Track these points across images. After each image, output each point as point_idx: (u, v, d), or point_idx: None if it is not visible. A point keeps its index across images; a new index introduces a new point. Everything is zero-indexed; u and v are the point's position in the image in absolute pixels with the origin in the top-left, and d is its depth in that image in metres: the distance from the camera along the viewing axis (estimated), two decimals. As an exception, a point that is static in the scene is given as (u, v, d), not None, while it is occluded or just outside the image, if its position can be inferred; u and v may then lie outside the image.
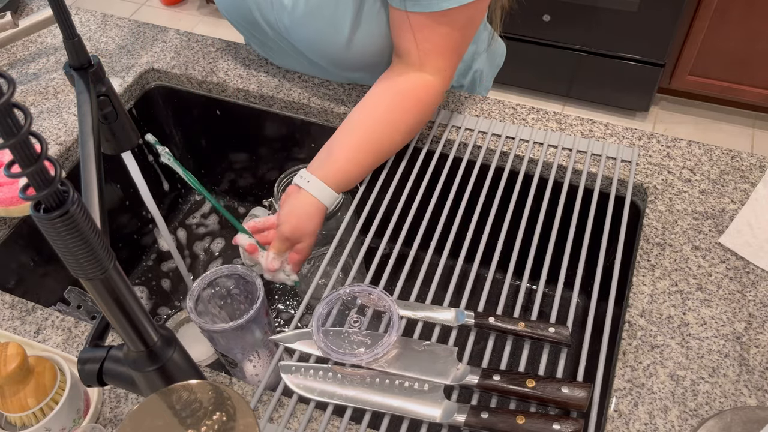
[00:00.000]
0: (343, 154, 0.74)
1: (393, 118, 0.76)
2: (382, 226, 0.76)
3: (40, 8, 1.11)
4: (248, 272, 0.69)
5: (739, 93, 2.04)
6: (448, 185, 0.80)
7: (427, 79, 0.76)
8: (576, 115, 0.87)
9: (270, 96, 0.93)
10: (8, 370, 0.55)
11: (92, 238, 0.34)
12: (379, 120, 0.76)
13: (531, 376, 0.59)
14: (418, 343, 0.63)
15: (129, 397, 0.63)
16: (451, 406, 0.58)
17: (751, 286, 0.68)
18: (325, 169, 0.74)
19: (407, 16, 0.71)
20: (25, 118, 0.29)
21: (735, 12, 1.85)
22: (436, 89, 0.77)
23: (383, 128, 0.76)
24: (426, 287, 0.69)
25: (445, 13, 0.70)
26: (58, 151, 0.87)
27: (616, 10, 1.91)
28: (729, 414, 0.57)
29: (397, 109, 0.76)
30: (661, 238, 0.73)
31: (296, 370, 0.62)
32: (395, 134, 0.77)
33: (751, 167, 0.80)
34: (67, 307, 0.86)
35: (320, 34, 0.79)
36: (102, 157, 0.53)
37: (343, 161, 0.74)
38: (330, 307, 0.67)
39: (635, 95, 2.14)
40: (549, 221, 0.74)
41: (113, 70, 0.98)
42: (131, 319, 0.41)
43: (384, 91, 0.77)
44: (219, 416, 0.41)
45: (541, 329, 0.63)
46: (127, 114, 0.69)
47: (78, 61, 0.60)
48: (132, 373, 0.46)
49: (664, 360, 0.63)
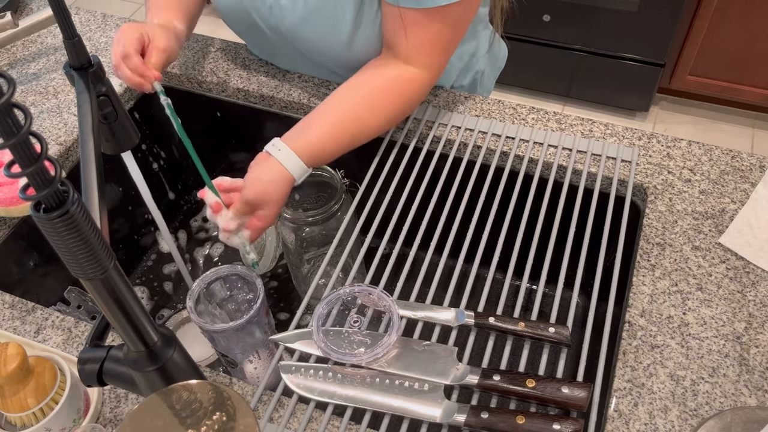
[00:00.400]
0: (319, 129, 0.74)
1: (375, 104, 0.76)
2: (382, 226, 0.76)
3: (40, 8, 1.11)
4: (248, 272, 0.69)
5: (739, 93, 2.04)
6: (448, 185, 0.80)
7: (414, 72, 0.76)
8: (576, 115, 0.87)
9: (270, 96, 0.93)
10: (8, 370, 0.55)
11: (92, 238, 0.34)
12: (361, 103, 0.76)
13: (531, 376, 0.59)
14: (418, 343, 0.63)
15: (129, 397, 0.63)
16: (451, 406, 0.58)
17: (751, 286, 0.68)
18: (299, 140, 0.73)
19: (399, 11, 0.72)
20: (25, 118, 0.29)
21: (735, 12, 1.85)
22: (422, 83, 0.77)
23: (364, 112, 0.76)
24: (426, 287, 0.69)
25: (438, 10, 0.71)
26: (58, 151, 0.87)
27: (616, 10, 1.91)
28: (729, 414, 0.57)
29: (380, 95, 0.76)
30: (661, 238, 0.73)
31: (296, 370, 0.62)
32: (375, 119, 0.77)
33: (751, 167, 0.80)
34: (67, 307, 0.86)
35: (321, 33, 0.79)
36: (102, 157, 0.53)
37: (318, 136, 0.73)
38: (330, 307, 0.67)
39: (635, 95, 2.13)
40: (549, 221, 0.74)
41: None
42: (131, 319, 0.41)
43: (370, 76, 0.77)
44: (219, 416, 0.41)
45: (541, 329, 0.63)
46: (127, 114, 0.69)
47: (78, 61, 0.60)
48: (132, 373, 0.46)
49: (664, 360, 0.63)
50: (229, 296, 0.73)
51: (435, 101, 0.90)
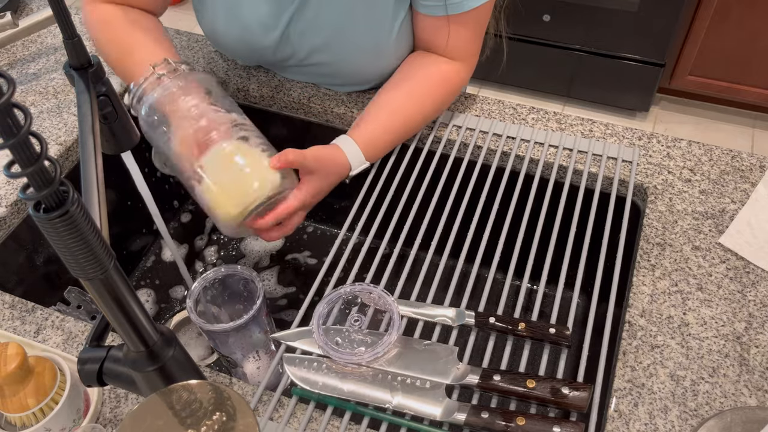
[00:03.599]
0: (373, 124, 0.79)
1: (422, 98, 0.81)
2: (383, 226, 0.76)
3: (40, 8, 1.11)
4: (248, 272, 0.69)
5: (739, 93, 2.04)
6: (449, 185, 0.80)
7: (454, 65, 0.81)
8: (576, 115, 0.87)
9: (270, 96, 0.93)
10: (8, 370, 0.55)
11: (92, 238, 0.34)
12: (408, 97, 0.80)
13: (531, 376, 0.59)
14: (418, 342, 0.63)
15: (129, 397, 0.63)
16: (451, 405, 0.58)
17: (751, 286, 0.68)
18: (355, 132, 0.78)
19: (447, 19, 0.76)
20: (25, 118, 0.29)
21: (735, 12, 1.85)
22: (464, 74, 0.82)
23: (412, 105, 0.80)
24: (426, 287, 0.69)
25: (477, 9, 0.75)
26: (58, 151, 0.87)
27: (616, 10, 1.91)
28: (729, 414, 0.57)
29: (426, 89, 0.81)
30: (661, 238, 0.72)
31: (300, 363, 0.62)
32: (422, 112, 0.82)
33: (751, 167, 0.80)
34: (67, 307, 0.86)
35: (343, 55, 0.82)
36: (102, 157, 0.53)
37: (371, 130, 0.78)
38: (331, 305, 0.67)
39: (635, 95, 2.13)
40: (549, 221, 0.74)
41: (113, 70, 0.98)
42: (131, 319, 0.41)
43: (415, 73, 0.81)
44: (219, 416, 0.41)
45: (541, 329, 0.63)
46: (128, 114, 0.68)
47: (78, 61, 0.60)
48: (132, 373, 0.46)
49: (664, 360, 0.62)
50: (229, 296, 0.73)
51: (435, 101, 0.90)
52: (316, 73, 0.89)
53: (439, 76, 0.81)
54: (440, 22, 0.77)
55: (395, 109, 0.79)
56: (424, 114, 0.82)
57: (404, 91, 0.80)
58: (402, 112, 0.80)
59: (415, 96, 0.80)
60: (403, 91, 0.80)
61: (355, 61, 0.82)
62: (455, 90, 0.83)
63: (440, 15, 0.76)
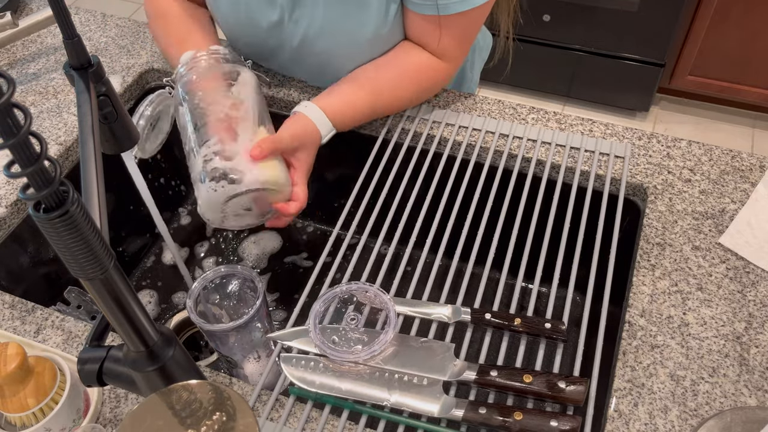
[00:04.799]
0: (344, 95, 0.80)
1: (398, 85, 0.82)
2: (377, 225, 0.76)
3: (40, 8, 1.11)
4: (248, 272, 0.69)
5: (739, 93, 2.04)
6: (443, 184, 0.80)
7: (439, 63, 0.81)
8: (576, 115, 0.87)
9: (270, 96, 0.93)
10: (8, 370, 0.55)
11: (92, 238, 0.34)
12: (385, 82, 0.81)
13: (528, 371, 0.59)
14: (415, 339, 0.63)
15: (129, 397, 0.63)
16: (449, 401, 0.58)
17: (751, 286, 0.68)
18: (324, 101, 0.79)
19: (439, 19, 0.75)
20: (25, 118, 0.29)
21: (735, 12, 1.85)
22: (446, 73, 0.82)
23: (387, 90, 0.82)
24: (422, 286, 0.70)
25: (473, 10, 0.74)
26: (58, 151, 0.87)
27: (616, 10, 1.90)
28: (729, 414, 0.57)
29: (405, 78, 0.82)
30: (661, 238, 0.73)
31: (297, 362, 0.62)
32: (396, 99, 0.84)
33: (751, 167, 0.80)
34: (67, 307, 0.86)
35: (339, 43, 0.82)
36: (102, 157, 0.53)
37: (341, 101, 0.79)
38: (327, 304, 0.67)
39: (635, 95, 2.13)
40: (545, 221, 0.74)
41: (113, 69, 0.98)
42: (131, 319, 0.41)
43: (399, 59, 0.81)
44: (219, 416, 0.41)
45: (537, 324, 0.63)
46: (128, 114, 0.68)
47: (78, 61, 0.60)
48: (132, 373, 0.46)
49: (664, 360, 0.63)
50: (228, 296, 0.73)
51: (434, 100, 0.90)
52: (307, 64, 0.88)
53: (420, 63, 0.81)
54: (429, 20, 0.77)
55: (367, 80, 0.81)
56: (396, 95, 0.83)
57: (379, 66, 0.81)
58: (371, 84, 0.81)
59: (390, 72, 0.81)
60: (378, 66, 0.81)
61: (345, 54, 0.82)
62: (434, 83, 0.84)
63: (430, 14, 0.76)
